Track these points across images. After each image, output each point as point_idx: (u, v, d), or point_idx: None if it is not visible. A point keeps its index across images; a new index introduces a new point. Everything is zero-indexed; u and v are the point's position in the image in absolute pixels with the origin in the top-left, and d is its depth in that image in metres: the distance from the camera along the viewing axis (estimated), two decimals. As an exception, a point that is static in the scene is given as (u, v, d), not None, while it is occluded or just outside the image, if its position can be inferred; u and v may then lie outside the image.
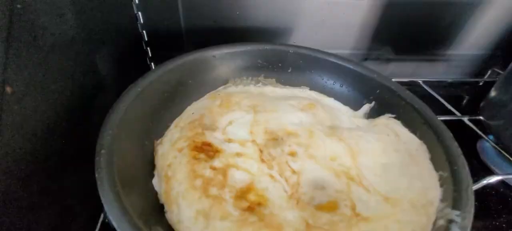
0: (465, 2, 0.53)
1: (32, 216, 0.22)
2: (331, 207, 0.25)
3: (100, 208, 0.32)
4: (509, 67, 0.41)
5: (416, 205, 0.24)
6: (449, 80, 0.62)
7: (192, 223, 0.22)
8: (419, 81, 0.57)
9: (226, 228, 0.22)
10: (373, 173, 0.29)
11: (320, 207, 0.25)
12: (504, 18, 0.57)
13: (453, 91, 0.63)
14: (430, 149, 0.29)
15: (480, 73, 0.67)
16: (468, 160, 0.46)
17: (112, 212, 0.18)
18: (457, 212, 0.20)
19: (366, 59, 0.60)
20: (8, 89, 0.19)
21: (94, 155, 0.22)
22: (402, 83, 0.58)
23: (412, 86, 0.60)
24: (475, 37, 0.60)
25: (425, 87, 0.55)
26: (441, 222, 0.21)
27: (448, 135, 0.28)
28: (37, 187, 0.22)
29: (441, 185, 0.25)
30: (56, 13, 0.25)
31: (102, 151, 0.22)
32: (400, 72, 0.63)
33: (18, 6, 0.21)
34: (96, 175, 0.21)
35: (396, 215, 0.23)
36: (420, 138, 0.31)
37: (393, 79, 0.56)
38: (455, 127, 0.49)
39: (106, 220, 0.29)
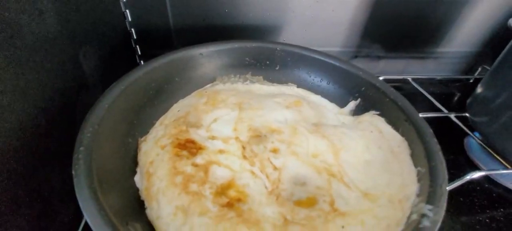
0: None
1: (14, 213, 0.22)
2: (310, 202, 0.25)
3: None
4: (494, 65, 0.41)
5: (393, 201, 0.24)
6: (438, 77, 0.62)
7: (171, 219, 0.23)
8: (408, 78, 0.57)
9: (204, 224, 0.22)
10: (355, 169, 0.29)
11: (299, 203, 0.25)
12: (493, 15, 0.58)
13: (443, 88, 0.64)
14: (411, 146, 0.29)
15: (470, 70, 0.68)
16: (455, 157, 0.47)
17: (87, 209, 0.19)
18: (430, 207, 0.21)
19: (356, 56, 0.60)
20: (-17, 87, 0.19)
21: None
22: (391, 80, 0.59)
23: (401, 83, 0.60)
24: (464, 34, 0.60)
25: (414, 84, 0.56)
26: (415, 216, 0.21)
27: (428, 131, 0.28)
28: (19, 184, 0.23)
29: (419, 181, 0.25)
30: (36, 10, 0.25)
31: (81, 148, 0.22)
32: (390, 69, 0.64)
33: (-6, 3, 0.21)
34: (73, 172, 0.21)
35: (373, 210, 0.24)
36: (402, 134, 0.31)
37: (383, 77, 0.57)
38: (442, 124, 0.50)
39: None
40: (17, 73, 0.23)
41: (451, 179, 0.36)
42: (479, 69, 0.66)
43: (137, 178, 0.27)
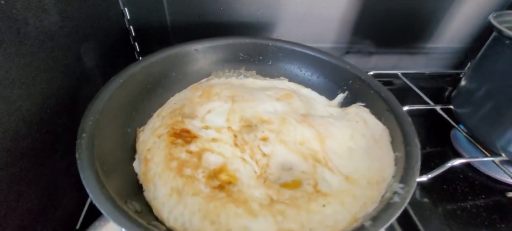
0: (442, -5, 0.55)
1: (23, 191, 0.24)
2: (294, 185, 0.27)
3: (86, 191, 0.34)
4: (476, 59, 0.43)
5: (371, 182, 0.26)
6: (427, 72, 0.64)
7: (166, 199, 0.25)
8: (398, 73, 0.59)
9: (197, 202, 0.24)
10: (339, 156, 0.31)
11: (285, 185, 0.27)
12: (481, 11, 0.59)
13: (433, 83, 0.65)
14: (392, 133, 0.31)
15: (460, 65, 0.70)
16: (442, 148, 0.50)
17: (89, 187, 0.21)
18: (402, 185, 0.23)
19: (348, 52, 0.62)
20: (-6, 78, 0.21)
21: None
22: (382, 75, 0.61)
23: (392, 78, 0.62)
24: (453, 30, 0.62)
25: (404, 79, 0.58)
26: (388, 194, 0.23)
27: (407, 120, 0.30)
28: (28, 169, 0.25)
29: (395, 164, 0.27)
30: (40, 8, 0.27)
31: (83, 135, 0.25)
32: (382, 65, 0.66)
33: (1, 2, 0.23)
34: (77, 156, 0.23)
35: (352, 191, 0.26)
36: (385, 123, 0.33)
37: (374, 72, 0.59)
38: (430, 117, 0.52)
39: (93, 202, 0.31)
40: (25, 67, 0.25)
41: (435, 168, 0.38)
42: (469, 64, 0.68)
43: (135, 164, 0.29)
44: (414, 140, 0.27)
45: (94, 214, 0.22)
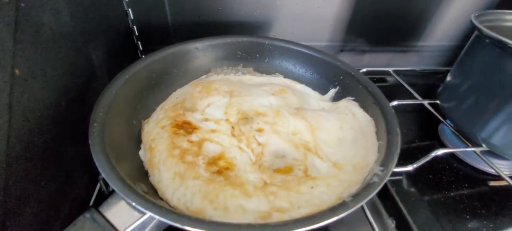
0: (431, -5, 0.58)
1: (41, 176, 0.27)
2: (286, 170, 0.30)
3: (96, 176, 0.37)
4: (459, 56, 0.45)
5: (356, 167, 0.29)
6: (418, 69, 0.67)
7: (170, 182, 0.27)
8: (390, 70, 0.62)
9: (197, 185, 0.27)
10: (329, 145, 0.34)
11: (278, 170, 0.30)
12: (469, 10, 0.62)
13: (424, 80, 0.68)
14: (377, 124, 0.34)
15: (450, 63, 0.72)
16: (430, 142, 0.52)
17: (102, 167, 0.23)
18: (381, 168, 0.25)
19: (342, 50, 0.64)
20: (17, 71, 0.24)
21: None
22: (374, 72, 0.63)
23: (384, 75, 0.65)
24: (443, 29, 0.64)
25: (395, 76, 0.60)
26: (369, 177, 0.26)
27: (391, 111, 0.33)
28: (48, 154, 0.27)
29: (378, 151, 0.30)
30: (54, 10, 0.30)
31: (95, 124, 0.27)
32: (375, 63, 0.68)
33: (22, 4, 0.25)
34: (90, 142, 0.25)
35: (338, 176, 0.28)
36: (371, 115, 0.36)
37: (367, 69, 0.61)
38: (420, 112, 0.55)
39: (102, 189, 0.34)
40: (42, 63, 0.27)
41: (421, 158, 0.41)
42: (458, 61, 0.71)
43: (141, 153, 0.32)
44: (395, 129, 0.30)
45: (103, 197, 0.24)
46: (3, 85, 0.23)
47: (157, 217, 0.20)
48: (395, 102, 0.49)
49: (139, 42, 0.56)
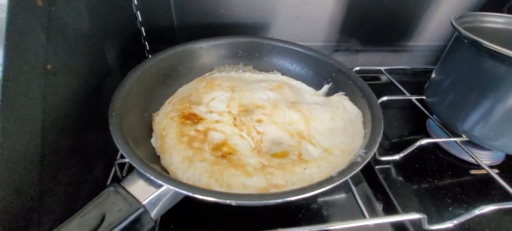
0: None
1: (68, 158, 0.31)
2: (282, 155, 0.33)
3: (111, 162, 0.40)
4: (443, 55, 0.49)
5: (344, 151, 0.33)
6: (408, 68, 0.70)
7: (180, 164, 0.31)
8: (381, 69, 0.65)
9: (204, 166, 0.30)
10: (321, 134, 0.38)
11: (275, 155, 0.33)
12: (459, 11, 0.65)
13: (415, 78, 0.72)
14: (364, 115, 0.38)
15: (440, 62, 0.76)
16: (418, 135, 0.56)
17: (122, 147, 0.27)
18: (365, 150, 0.29)
19: (337, 50, 0.68)
20: (49, 66, 0.28)
21: (107, 121, 0.30)
22: (367, 71, 0.67)
23: (376, 73, 0.69)
24: (433, 29, 0.68)
25: (386, 74, 0.64)
26: (354, 159, 0.29)
27: (376, 104, 0.37)
28: (72, 140, 0.31)
29: (364, 137, 0.33)
30: (76, 13, 0.34)
31: (113, 113, 0.31)
32: (368, 62, 0.72)
33: (53, 9, 0.29)
34: (110, 128, 0.29)
35: (328, 159, 0.32)
36: (359, 107, 0.40)
37: (361, 68, 0.65)
38: (410, 109, 0.59)
39: (117, 174, 0.37)
40: (68, 59, 0.31)
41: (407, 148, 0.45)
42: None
43: (152, 140, 0.36)
44: (379, 117, 0.34)
45: (118, 181, 0.28)
46: (39, 78, 0.26)
47: (173, 188, 0.24)
48: (384, 98, 0.53)
49: (146, 43, 0.59)
